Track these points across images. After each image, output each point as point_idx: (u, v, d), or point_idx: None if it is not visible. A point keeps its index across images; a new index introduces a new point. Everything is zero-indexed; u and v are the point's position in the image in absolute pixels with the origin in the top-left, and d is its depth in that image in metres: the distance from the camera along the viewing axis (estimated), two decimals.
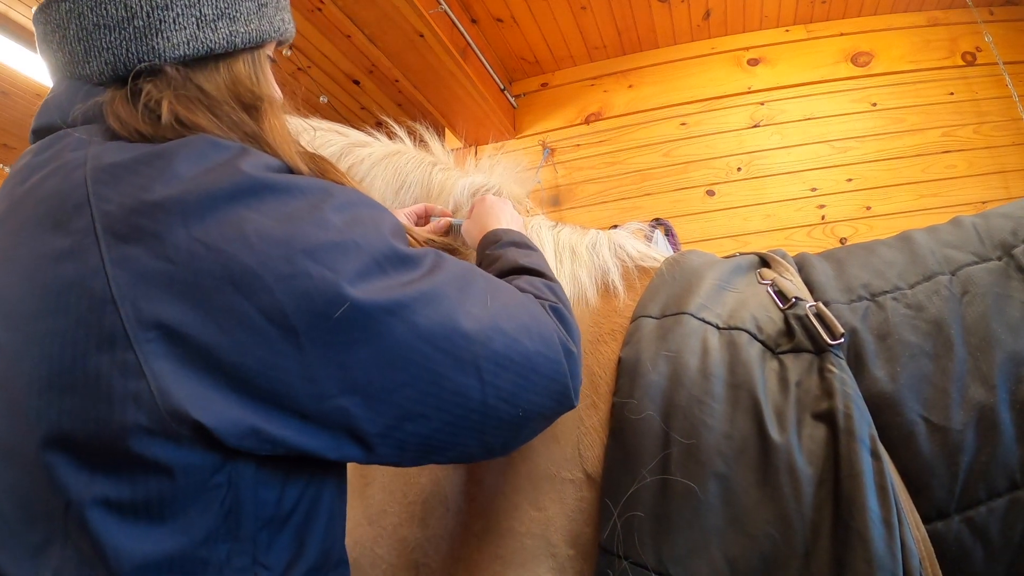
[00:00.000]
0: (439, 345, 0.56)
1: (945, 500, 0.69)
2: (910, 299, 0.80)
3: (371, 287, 0.54)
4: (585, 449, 0.83)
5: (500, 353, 0.59)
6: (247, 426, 0.50)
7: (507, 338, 0.60)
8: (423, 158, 1.17)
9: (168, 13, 0.60)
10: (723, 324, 0.85)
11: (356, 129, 1.24)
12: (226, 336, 0.50)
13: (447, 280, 0.60)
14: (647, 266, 1.03)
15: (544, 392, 0.63)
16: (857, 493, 0.66)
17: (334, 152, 1.16)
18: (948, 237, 0.88)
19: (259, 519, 0.55)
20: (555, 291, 0.73)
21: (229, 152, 0.57)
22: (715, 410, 0.76)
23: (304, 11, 2.95)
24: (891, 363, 0.75)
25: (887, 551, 0.64)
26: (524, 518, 0.82)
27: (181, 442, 0.50)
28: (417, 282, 0.58)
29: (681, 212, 3.35)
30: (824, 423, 0.72)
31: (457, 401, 0.58)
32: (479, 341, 0.58)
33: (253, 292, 0.51)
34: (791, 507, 0.69)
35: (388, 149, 1.17)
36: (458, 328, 0.58)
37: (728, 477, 0.72)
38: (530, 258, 0.80)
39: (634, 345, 0.85)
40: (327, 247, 0.54)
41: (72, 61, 0.62)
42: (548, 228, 1.09)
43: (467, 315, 0.59)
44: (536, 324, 0.64)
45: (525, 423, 0.63)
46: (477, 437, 0.61)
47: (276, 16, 0.70)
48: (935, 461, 0.70)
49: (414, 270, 0.59)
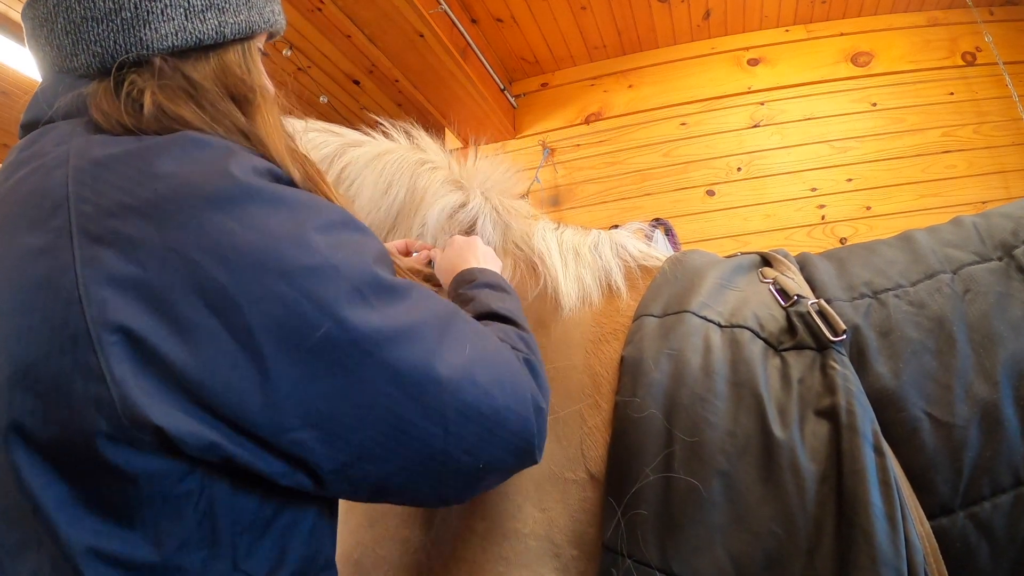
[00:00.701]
0: (408, 389, 0.54)
1: (949, 496, 0.69)
2: (912, 296, 0.80)
3: (347, 317, 0.52)
4: (588, 449, 0.83)
5: (469, 404, 0.57)
6: (206, 440, 0.49)
7: (479, 390, 0.58)
8: (410, 158, 1.15)
9: (156, 4, 0.59)
10: (725, 322, 0.85)
11: (353, 129, 1.23)
12: (190, 351, 0.48)
13: (429, 318, 0.58)
14: (649, 265, 1.04)
15: (508, 447, 0.61)
16: (860, 489, 0.66)
17: (329, 153, 1.16)
18: (949, 237, 0.88)
19: (238, 525, 0.53)
20: (528, 343, 0.71)
21: (214, 151, 0.55)
22: (718, 408, 0.75)
23: (304, 11, 2.95)
24: (894, 359, 0.75)
25: (891, 547, 0.64)
26: (528, 519, 0.81)
27: (144, 449, 0.48)
28: (397, 316, 0.56)
29: (681, 212, 3.35)
30: (827, 419, 0.72)
31: (417, 448, 0.56)
32: (450, 390, 0.56)
33: (222, 310, 0.49)
34: (794, 504, 0.69)
35: (379, 149, 1.16)
36: (431, 373, 0.55)
37: (731, 474, 0.72)
38: (505, 303, 0.78)
39: (636, 344, 0.85)
40: (305, 271, 0.52)
41: (60, 55, 0.61)
42: (551, 230, 1.09)
43: (443, 360, 0.56)
44: (511, 377, 0.62)
45: (484, 476, 0.61)
46: (433, 485, 0.59)
47: (266, 7, 0.69)
48: (939, 457, 0.70)
49: (396, 302, 0.57)
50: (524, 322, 0.77)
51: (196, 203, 0.51)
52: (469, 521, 0.83)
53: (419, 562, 0.84)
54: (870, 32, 3.26)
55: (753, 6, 3.20)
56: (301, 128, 1.19)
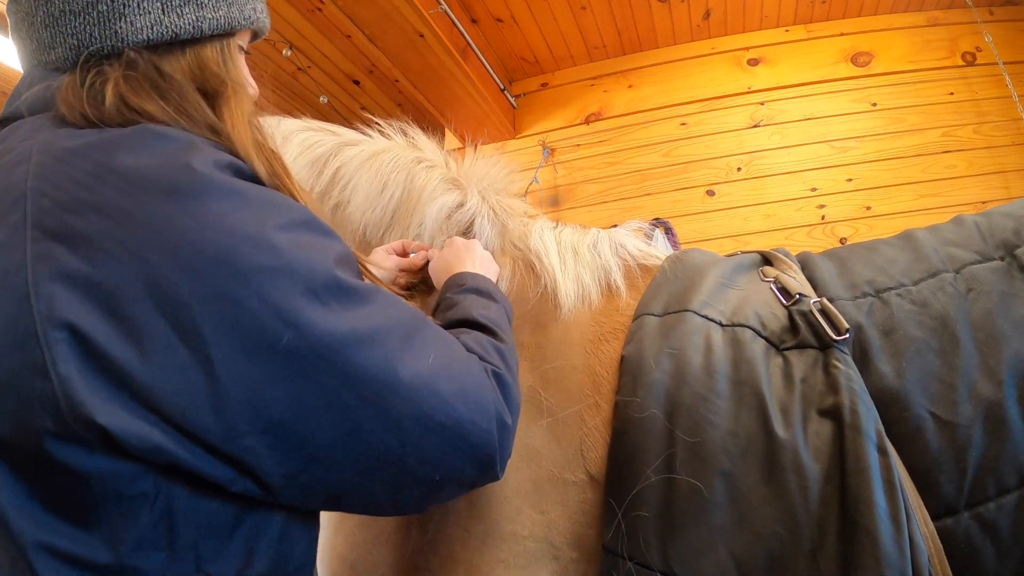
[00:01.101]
0: (365, 395, 0.53)
1: (954, 496, 0.68)
2: (915, 295, 0.80)
3: (303, 321, 0.51)
4: (588, 450, 0.82)
5: (428, 415, 0.56)
6: (152, 443, 0.48)
7: (439, 400, 0.56)
8: (406, 156, 1.14)
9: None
10: (726, 321, 0.84)
11: (351, 128, 1.22)
12: (137, 353, 0.47)
13: (391, 325, 0.57)
14: (648, 264, 1.03)
15: (468, 460, 0.59)
16: (864, 489, 0.66)
17: (323, 153, 1.15)
18: (951, 236, 0.88)
19: (200, 527, 0.52)
20: (503, 355, 0.69)
21: (173, 144, 0.54)
22: (720, 407, 0.75)
23: (304, 11, 2.95)
24: (897, 358, 0.75)
25: (895, 547, 0.63)
26: (526, 521, 0.81)
27: (91, 448, 0.47)
28: (357, 320, 0.54)
29: (681, 212, 3.35)
30: (830, 419, 0.71)
31: (373, 455, 0.54)
32: (409, 399, 0.55)
33: (173, 312, 0.48)
34: (798, 504, 0.68)
35: (375, 148, 1.15)
36: (390, 380, 0.54)
37: (734, 475, 0.71)
38: (488, 311, 0.77)
39: (637, 343, 0.85)
40: (262, 272, 0.50)
41: (39, 48, 0.61)
42: (549, 229, 1.08)
43: (403, 367, 0.55)
44: (475, 390, 0.60)
45: (442, 487, 0.60)
46: (389, 493, 0.58)
47: (247, 5, 0.68)
48: (943, 457, 0.69)
49: (357, 306, 0.55)
50: (505, 332, 0.75)
51: (152, 198, 0.50)
52: (466, 523, 0.82)
53: (415, 565, 0.83)
54: (870, 32, 3.26)
55: (753, 6, 3.20)
56: (298, 127, 1.19)
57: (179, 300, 0.48)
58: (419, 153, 1.16)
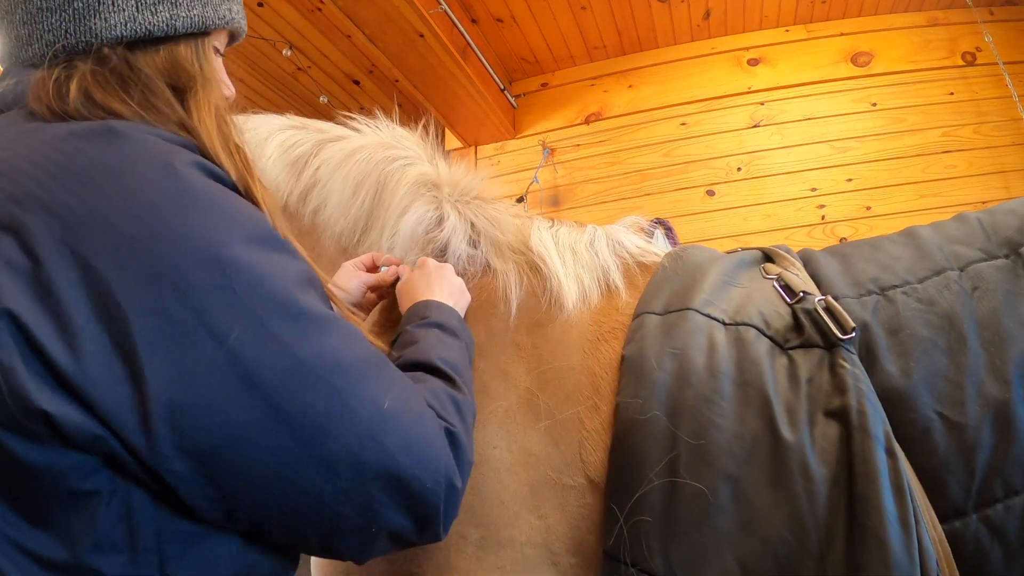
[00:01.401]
0: (297, 436, 0.50)
1: (962, 498, 0.67)
2: (920, 293, 0.79)
3: (239, 346, 0.49)
4: (587, 453, 0.80)
5: (368, 464, 0.53)
6: (91, 432, 0.47)
7: (382, 451, 0.53)
8: (380, 155, 1.10)
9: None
10: (729, 320, 0.82)
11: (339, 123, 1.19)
12: (72, 353, 0.46)
13: (343, 361, 0.54)
14: (647, 262, 1.01)
15: (408, 517, 0.56)
16: (872, 493, 0.64)
17: (304, 152, 1.12)
18: (954, 233, 0.87)
19: (162, 532, 0.50)
20: (460, 409, 0.67)
21: (131, 145, 0.53)
22: (724, 409, 0.73)
23: (304, 11, 2.94)
24: (904, 358, 0.73)
25: (904, 552, 0.62)
26: (524, 526, 0.79)
27: (42, 440, 0.46)
28: (303, 353, 0.51)
29: (681, 212, 3.35)
30: (837, 421, 0.70)
31: (302, 498, 0.52)
32: (348, 445, 0.52)
33: (109, 317, 0.47)
34: (805, 508, 0.67)
35: (353, 146, 1.12)
36: (327, 423, 0.51)
37: (739, 478, 0.70)
38: (450, 352, 0.75)
39: (638, 342, 0.83)
40: (202, 288, 0.49)
41: (18, 45, 0.62)
42: (546, 228, 1.06)
43: (348, 411, 0.52)
44: (424, 447, 0.57)
45: (379, 538, 0.57)
46: (321, 538, 0.55)
47: (222, 5, 0.69)
48: (951, 458, 0.68)
49: (307, 337, 0.52)
50: (465, 379, 0.73)
51: (99, 200, 0.49)
52: (462, 529, 0.80)
53: (409, 571, 0.81)
54: (870, 32, 3.26)
55: (753, 6, 3.20)
56: (279, 126, 1.17)
57: (116, 306, 0.47)
58: (395, 151, 1.12)
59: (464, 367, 0.76)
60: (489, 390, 0.87)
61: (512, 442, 0.83)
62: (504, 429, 0.84)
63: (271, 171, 1.11)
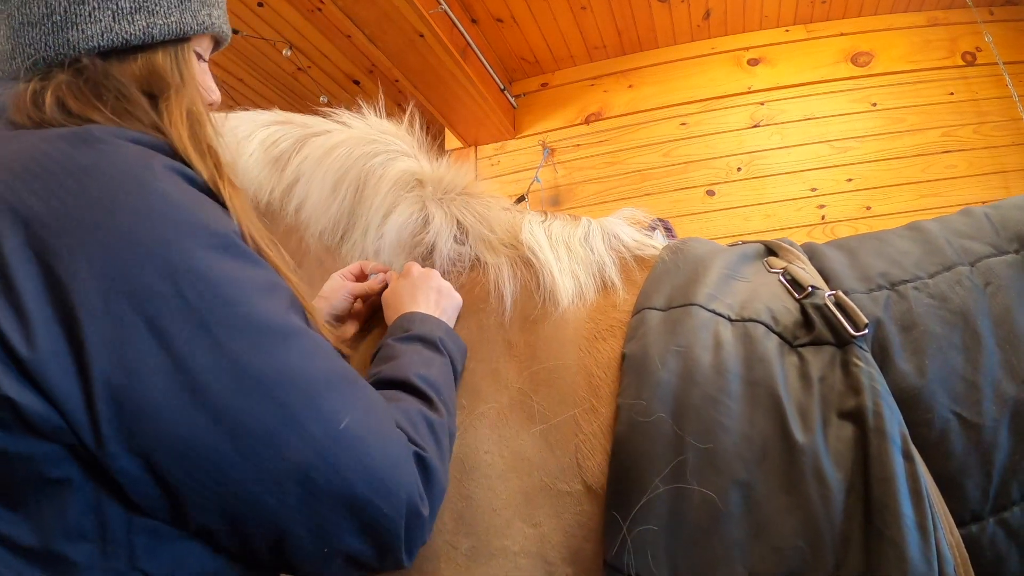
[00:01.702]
0: (243, 448, 0.49)
1: (979, 501, 0.65)
2: (932, 289, 0.76)
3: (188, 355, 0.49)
4: (584, 458, 0.77)
5: (319, 486, 0.51)
6: (54, 422, 0.47)
7: (336, 474, 0.52)
8: (362, 151, 1.07)
9: (84, 7, 0.62)
10: (735, 316, 0.79)
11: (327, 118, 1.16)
12: (29, 345, 0.47)
13: (299, 375, 0.53)
14: (645, 255, 0.97)
15: (363, 542, 0.55)
16: (890, 498, 0.61)
17: (287, 148, 1.09)
18: (961, 227, 0.84)
19: (133, 524, 0.50)
20: (435, 432, 0.65)
21: (98, 150, 0.53)
22: (732, 410, 0.70)
23: (304, 11, 2.94)
24: (918, 356, 0.71)
25: (923, 560, 0.59)
26: (518, 536, 0.75)
27: (10, 428, 0.47)
28: (262, 363, 0.51)
29: (681, 212, 3.35)
30: (852, 422, 0.67)
31: (247, 512, 0.51)
32: (297, 465, 0.50)
33: (66, 318, 0.47)
34: (820, 515, 0.63)
35: (335, 140, 1.08)
36: (272, 438, 0.50)
37: (750, 484, 0.66)
38: (430, 369, 0.73)
39: (639, 340, 0.79)
40: (154, 296, 0.49)
41: (1, 60, 0.64)
42: (538, 223, 1.02)
43: (297, 427, 0.51)
44: (386, 470, 0.55)
45: (334, 561, 0.56)
46: (272, 553, 0.54)
47: (201, 11, 0.70)
48: (969, 460, 0.65)
49: (266, 349, 0.51)
50: (444, 397, 0.71)
51: (66, 201, 0.50)
52: (452, 538, 0.76)
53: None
54: (870, 32, 3.26)
55: (753, 6, 3.20)
56: (265, 122, 1.15)
57: (72, 309, 0.47)
58: (376, 146, 1.07)
59: (445, 384, 0.74)
60: (480, 391, 0.84)
61: (504, 446, 0.79)
62: (496, 432, 0.80)
63: (253, 168, 1.09)
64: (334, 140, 1.08)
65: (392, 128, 1.12)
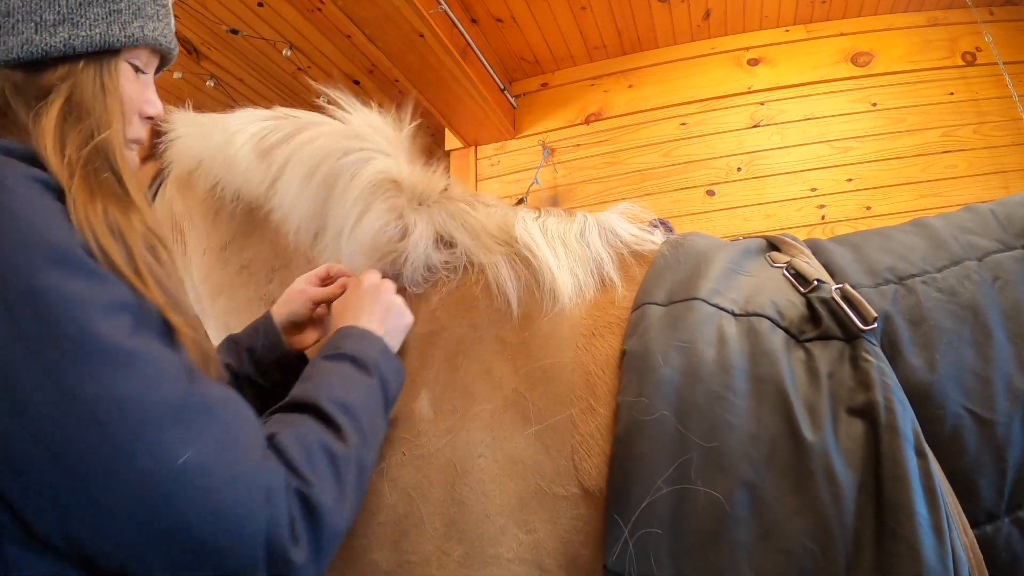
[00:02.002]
0: (71, 475, 0.47)
1: (994, 500, 0.63)
2: (941, 283, 0.74)
3: (16, 372, 0.47)
4: (581, 460, 0.74)
5: (152, 525, 0.48)
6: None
7: (171, 513, 0.48)
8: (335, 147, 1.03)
9: (8, 20, 0.63)
10: (740, 310, 0.77)
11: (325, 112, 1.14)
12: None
13: (133, 403, 0.49)
14: (644, 250, 0.95)
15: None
16: (903, 497, 0.59)
17: (276, 141, 1.07)
18: (967, 224, 0.83)
19: (14, 537, 0.49)
20: (336, 462, 0.59)
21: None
22: (738, 407, 0.68)
23: (304, 11, 2.94)
24: (928, 351, 0.69)
25: (938, 561, 0.57)
26: (512, 542, 0.73)
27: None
28: (87, 384, 0.48)
29: (681, 212, 3.34)
30: (862, 419, 0.65)
31: (95, 538, 0.48)
32: (127, 500, 0.47)
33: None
34: (831, 516, 0.61)
35: (315, 133, 1.06)
36: (104, 473, 0.47)
37: (757, 484, 0.64)
38: (347, 393, 0.67)
39: (640, 336, 0.77)
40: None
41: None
42: (532, 220, 0.99)
43: (125, 461, 0.48)
44: (238, 513, 0.50)
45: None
46: None
47: (132, 23, 0.69)
48: (982, 457, 0.63)
49: (94, 368, 0.48)
50: (361, 421, 0.66)
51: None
52: (444, 544, 0.73)
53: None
54: (870, 32, 3.26)
55: (753, 6, 3.20)
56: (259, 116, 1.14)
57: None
58: (352, 142, 1.04)
59: (365, 409, 0.68)
60: (472, 391, 0.81)
61: (498, 449, 0.77)
62: (490, 435, 0.78)
63: (241, 162, 1.07)
64: (315, 133, 1.05)
65: (378, 122, 1.09)
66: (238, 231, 1.13)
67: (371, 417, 0.69)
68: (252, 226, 1.12)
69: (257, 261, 1.10)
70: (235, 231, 1.13)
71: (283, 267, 1.08)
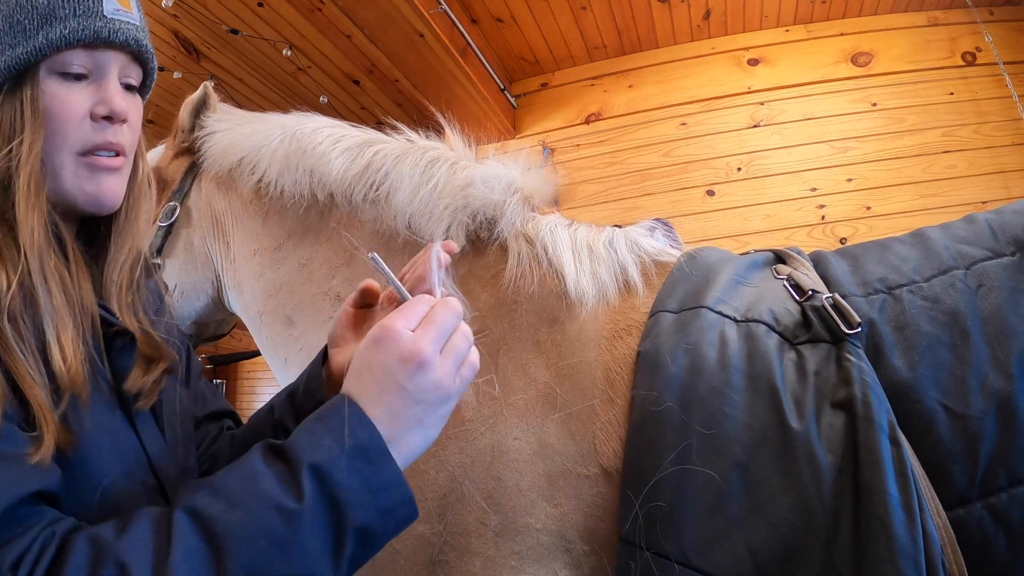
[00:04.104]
0: None
1: (966, 487, 0.69)
2: (926, 292, 0.81)
3: None
4: (601, 444, 0.83)
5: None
6: None
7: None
8: (436, 154, 1.15)
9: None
10: (741, 317, 0.85)
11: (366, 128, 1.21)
12: None
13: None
14: (663, 261, 1.04)
15: None
16: (877, 479, 0.66)
17: (353, 144, 1.15)
18: (962, 233, 0.89)
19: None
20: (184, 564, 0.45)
21: None
22: (735, 400, 0.76)
23: (304, 11, 2.94)
24: (909, 352, 0.76)
25: (908, 537, 0.64)
26: (540, 514, 0.81)
27: None
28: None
29: (681, 212, 3.36)
30: (842, 411, 0.72)
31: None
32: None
33: None
34: (812, 495, 0.69)
35: (407, 146, 1.15)
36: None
37: (749, 466, 0.72)
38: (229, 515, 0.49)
39: (653, 339, 0.86)
40: None
41: None
42: (564, 227, 1.08)
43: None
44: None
45: None
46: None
47: (38, 34, 0.63)
48: (956, 448, 0.70)
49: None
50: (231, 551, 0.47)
51: None
52: (483, 516, 0.83)
53: (432, 557, 0.84)
54: (870, 32, 3.27)
55: (753, 6, 3.21)
56: (325, 122, 1.18)
57: None
58: (450, 152, 1.16)
59: (246, 538, 0.48)
60: (511, 384, 0.91)
61: (531, 433, 0.86)
62: (524, 421, 0.87)
63: (334, 160, 1.14)
64: (403, 144, 1.14)
65: (441, 144, 1.19)
66: (292, 231, 1.17)
67: (251, 550, 0.48)
68: (306, 227, 1.17)
69: (316, 259, 1.15)
70: (288, 232, 1.18)
71: (344, 264, 1.14)
